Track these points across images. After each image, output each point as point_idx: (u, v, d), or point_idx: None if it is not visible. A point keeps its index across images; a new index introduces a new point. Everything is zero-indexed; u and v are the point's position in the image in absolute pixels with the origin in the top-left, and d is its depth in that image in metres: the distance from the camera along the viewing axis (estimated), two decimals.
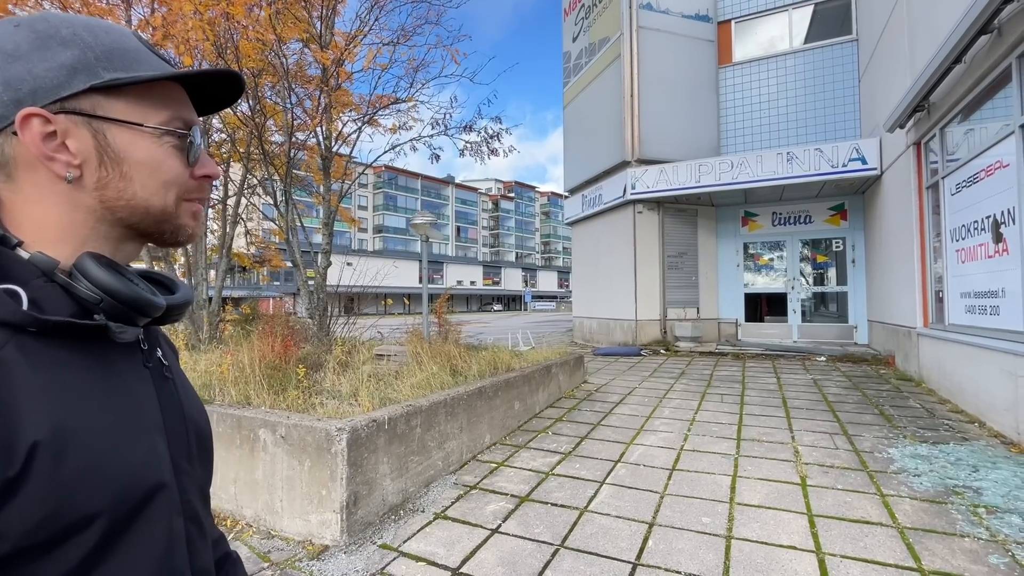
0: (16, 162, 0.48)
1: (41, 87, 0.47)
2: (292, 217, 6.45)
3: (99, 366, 0.49)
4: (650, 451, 3.95)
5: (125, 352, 0.53)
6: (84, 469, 0.43)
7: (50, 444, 0.41)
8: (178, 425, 0.58)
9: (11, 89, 0.47)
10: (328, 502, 2.65)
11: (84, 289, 0.48)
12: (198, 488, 0.59)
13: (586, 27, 13.40)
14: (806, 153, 9.20)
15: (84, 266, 0.48)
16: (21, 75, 0.47)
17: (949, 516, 2.74)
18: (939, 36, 5.11)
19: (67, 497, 0.41)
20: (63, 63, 0.48)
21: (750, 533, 2.61)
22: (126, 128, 0.51)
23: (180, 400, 0.60)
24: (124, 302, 0.49)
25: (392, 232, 60.93)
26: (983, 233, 4.78)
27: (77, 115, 0.49)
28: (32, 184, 0.49)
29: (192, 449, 0.59)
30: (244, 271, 23.86)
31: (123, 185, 0.52)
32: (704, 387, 6.48)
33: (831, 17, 10.93)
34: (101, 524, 0.44)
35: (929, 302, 6.36)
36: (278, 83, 6.32)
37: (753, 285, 11.56)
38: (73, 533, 0.42)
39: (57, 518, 0.41)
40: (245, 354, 4.27)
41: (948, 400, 5.34)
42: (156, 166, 0.53)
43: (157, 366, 0.58)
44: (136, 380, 0.53)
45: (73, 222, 0.50)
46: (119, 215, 0.52)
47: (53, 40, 0.49)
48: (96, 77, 0.49)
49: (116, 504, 0.45)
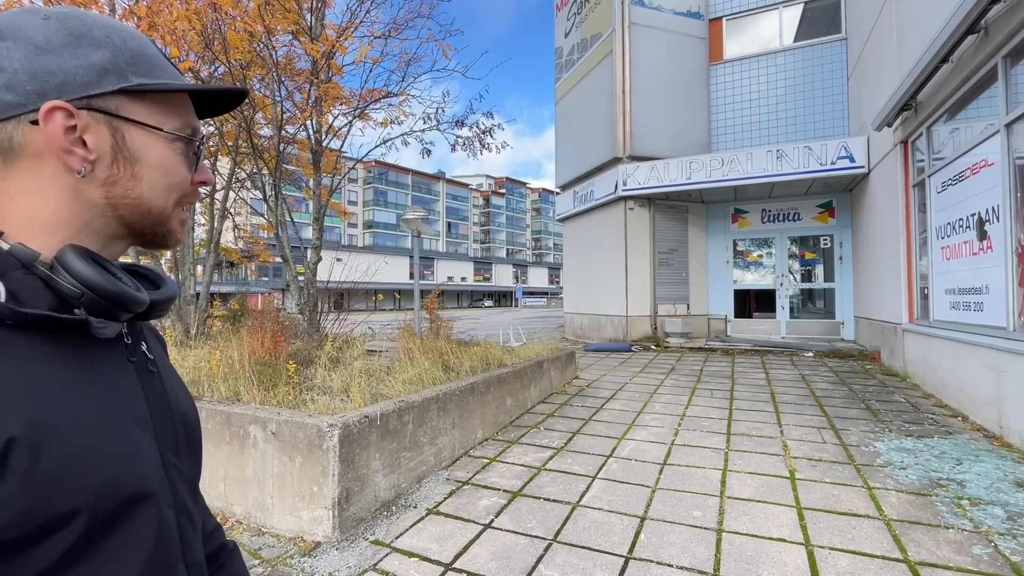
0: (23, 150, 0.47)
1: (69, 82, 0.48)
2: (281, 211, 6.38)
3: (79, 361, 0.48)
4: (641, 446, 3.97)
5: (107, 346, 0.52)
6: (62, 465, 0.42)
7: (26, 440, 0.40)
8: (165, 419, 0.57)
9: (37, 80, 0.47)
10: (320, 498, 2.63)
11: (64, 283, 0.47)
12: (187, 481, 0.59)
13: (578, 23, 13.38)
14: (795, 151, 9.29)
15: (65, 259, 0.47)
16: (50, 68, 0.48)
17: (934, 508, 2.79)
18: (927, 36, 5.18)
19: (45, 494, 0.40)
20: (94, 63, 0.50)
21: (740, 526, 2.64)
22: (144, 130, 0.53)
23: (167, 394, 0.59)
24: (105, 297, 0.48)
25: (382, 228, 60.54)
26: (968, 231, 4.86)
27: (100, 113, 0.50)
28: (32, 174, 0.48)
29: (180, 442, 0.59)
30: (232, 266, 23.59)
31: (132, 184, 0.53)
32: (694, 382, 6.54)
33: (820, 16, 11.02)
34: (82, 520, 0.42)
35: (914, 299, 6.46)
36: (267, 75, 6.22)
37: (742, 281, 11.67)
38: (52, 530, 0.41)
39: (34, 515, 0.40)
40: (234, 350, 4.22)
41: (932, 395, 5.44)
42: (166, 169, 0.55)
43: (142, 360, 0.57)
44: (119, 375, 0.52)
45: (70, 214, 0.50)
46: (120, 212, 0.53)
47: (85, 39, 0.50)
48: (125, 80, 0.51)
49: (98, 500, 0.44)
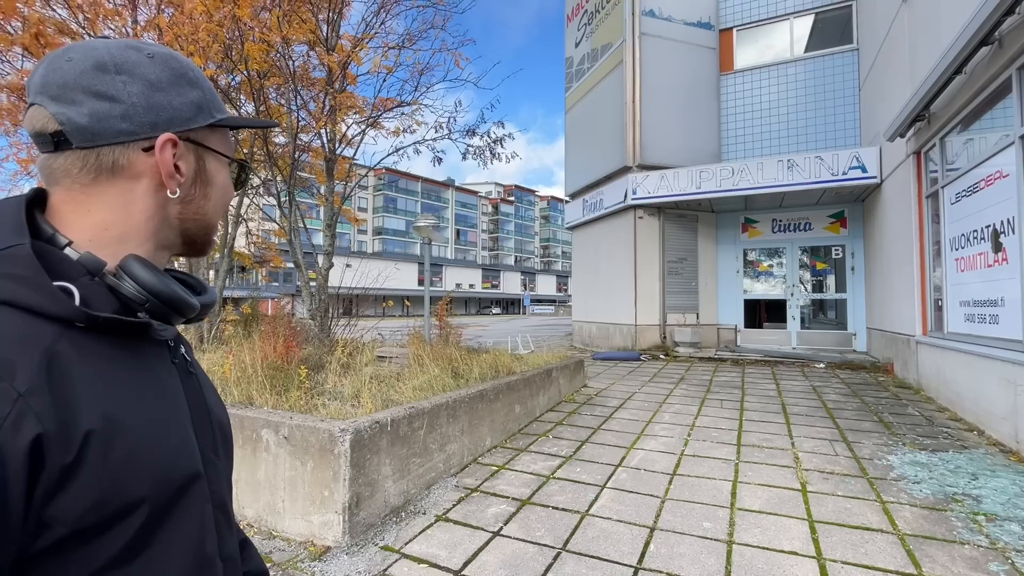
0: (123, 171, 0.54)
1: (176, 117, 0.56)
2: (295, 218, 6.47)
3: (136, 361, 0.52)
4: (651, 456, 3.95)
5: (157, 349, 0.56)
6: (129, 457, 0.46)
7: (101, 433, 0.44)
8: (203, 418, 0.61)
9: (152, 113, 0.54)
10: (330, 503, 2.65)
11: (131, 289, 0.51)
12: (224, 478, 0.62)
13: (588, 33, 13.48)
14: (806, 161, 9.25)
15: (130, 267, 0.52)
16: (162, 104, 0.55)
17: (949, 523, 2.75)
18: (940, 47, 5.16)
19: (115, 483, 0.44)
20: (192, 100, 0.58)
21: (751, 538, 2.62)
22: (216, 157, 0.62)
23: (203, 394, 0.63)
24: (165, 302, 0.53)
25: (391, 234, 61.00)
26: (982, 242, 4.81)
27: (191, 143, 0.59)
28: (122, 191, 0.54)
29: (216, 441, 0.62)
30: (244, 271, 23.85)
31: (203, 203, 0.61)
32: (704, 392, 6.50)
33: (832, 26, 11.02)
34: (145, 510, 0.46)
35: (928, 310, 6.39)
36: (283, 85, 6.34)
37: (752, 291, 11.59)
38: (121, 517, 0.45)
39: (107, 503, 0.44)
40: (247, 354, 4.27)
41: (947, 408, 5.36)
42: (226, 190, 0.64)
43: (182, 362, 0.61)
44: (167, 375, 0.56)
45: (148, 228, 0.56)
46: (187, 226, 0.60)
47: (184, 79, 0.58)
48: (211, 117, 0.60)
49: (157, 491, 0.48)
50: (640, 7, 11.30)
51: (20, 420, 0.39)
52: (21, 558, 0.40)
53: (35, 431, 0.40)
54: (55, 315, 0.45)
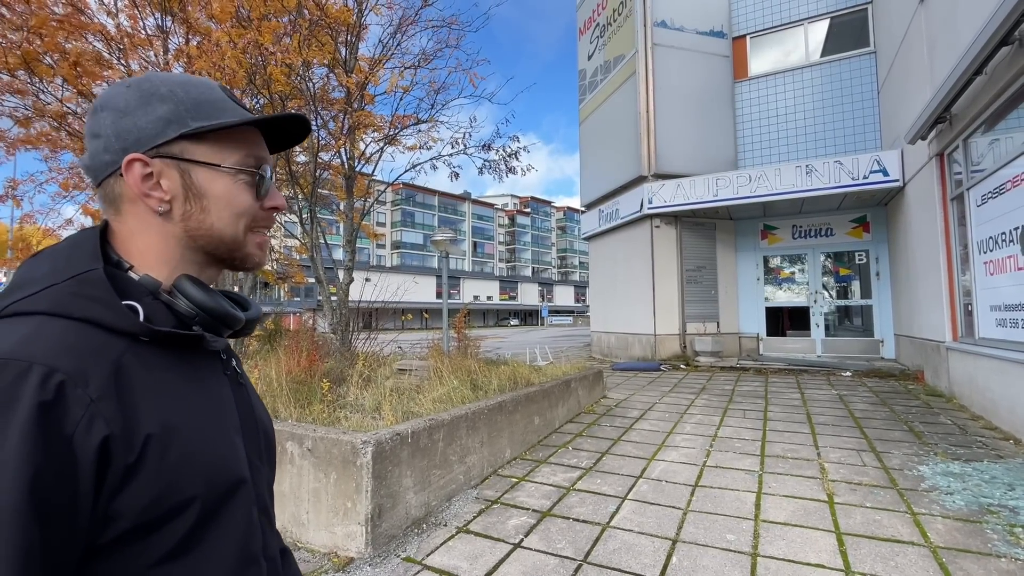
0: (122, 199, 0.58)
1: (143, 136, 0.57)
2: (316, 235, 6.63)
3: (191, 372, 0.57)
4: (672, 467, 3.91)
5: (210, 361, 0.62)
6: (183, 459, 0.51)
7: (159, 436, 0.49)
8: (251, 426, 0.66)
9: (121, 139, 0.57)
10: (353, 514, 2.70)
11: (184, 305, 0.57)
12: (268, 484, 0.67)
13: (601, 45, 13.60)
14: (826, 166, 9.12)
15: (183, 286, 0.58)
16: (129, 128, 0.57)
17: (984, 536, 2.66)
18: (959, 48, 5.08)
19: (171, 482, 0.49)
20: (160, 116, 0.57)
21: (776, 551, 2.57)
22: (206, 168, 0.59)
23: (252, 404, 0.68)
24: (215, 316, 0.59)
25: (409, 248, 61.69)
26: (1012, 245, 4.68)
27: (168, 159, 0.58)
28: (134, 217, 0.59)
29: (262, 448, 0.67)
30: (267, 287, 24.34)
31: (203, 217, 0.60)
32: (726, 403, 6.40)
33: (848, 30, 10.91)
34: (196, 507, 0.51)
35: (958, 315, 6.20)
36: (304, 106, 6.55)
37: (774, 299, 11.39)
38: (176, 513, 0.50)
39: (164, 500, 0.49)
40: (272, 368, 4.38)
41: (981, 416, 5.18)
42: (230, 200, 0.61)
43: (233, 374, 0.66)
44: (219, 385, 0.61)
45: (167, 249, 0.60)
46: (200, 243, 0.61)
47: (154, 97, 0.58)
48: (184, 126, 0.58)
49: (208, 491, 0.53)
50: (652, 18, 11.37)
51: (92, 423, 0.45)
52: (91, 548, 0.45)
53: (103, 433, 0.45)
54: (124, 330, 0.51)
